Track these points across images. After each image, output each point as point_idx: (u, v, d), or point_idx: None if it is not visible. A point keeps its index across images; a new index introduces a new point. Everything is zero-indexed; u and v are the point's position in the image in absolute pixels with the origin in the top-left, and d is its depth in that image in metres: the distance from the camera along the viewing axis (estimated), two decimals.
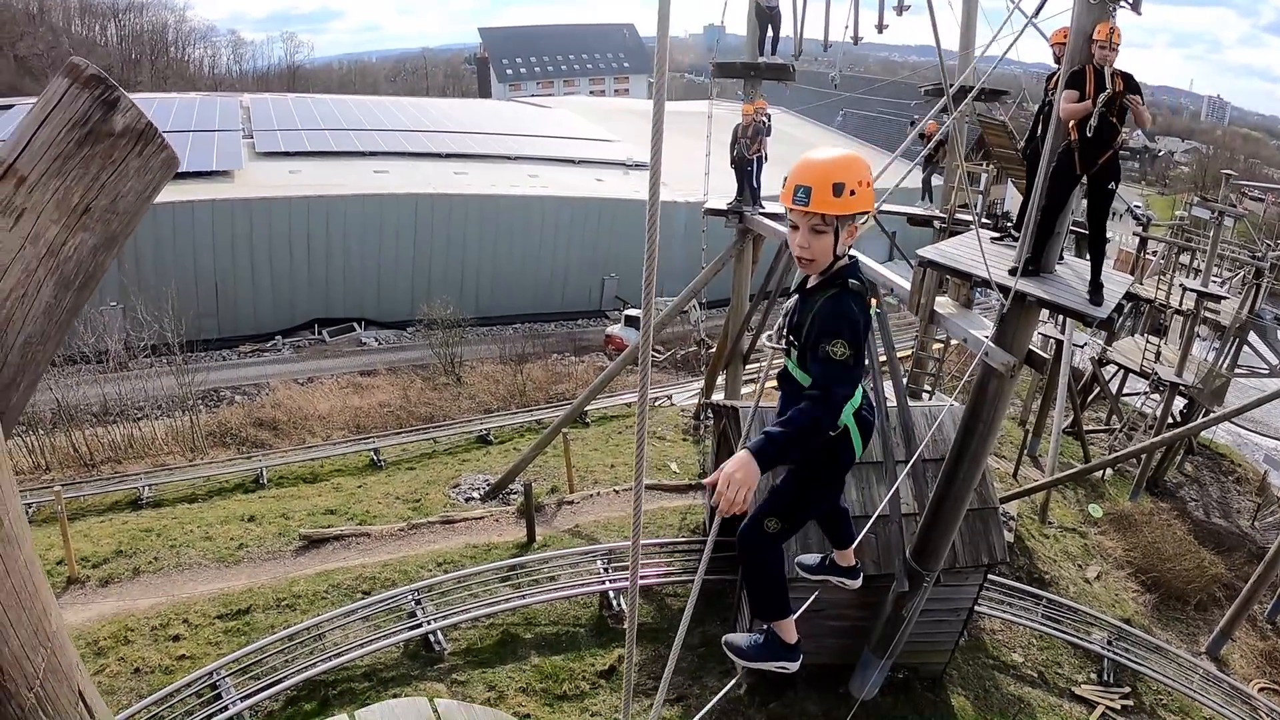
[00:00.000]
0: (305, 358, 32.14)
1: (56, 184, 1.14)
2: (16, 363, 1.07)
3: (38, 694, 0.97)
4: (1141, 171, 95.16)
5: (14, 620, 0.93)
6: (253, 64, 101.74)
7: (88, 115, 1.16)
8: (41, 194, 1.13)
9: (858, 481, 12.82)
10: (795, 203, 3.19)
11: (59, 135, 1.15)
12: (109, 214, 1.19)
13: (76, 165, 1.16)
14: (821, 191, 3.15)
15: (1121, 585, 18.41)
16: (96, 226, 1.18)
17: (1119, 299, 8.57)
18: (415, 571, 15.18)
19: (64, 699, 1.02)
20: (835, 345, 3.10)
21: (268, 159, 37.64)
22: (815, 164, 3.21)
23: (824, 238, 3.23)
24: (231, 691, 12.12)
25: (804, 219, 3.23)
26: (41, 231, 1.12)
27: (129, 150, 1.20)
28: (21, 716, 0.94)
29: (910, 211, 19.14)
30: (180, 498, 19.24)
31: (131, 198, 1.22)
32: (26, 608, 0.96)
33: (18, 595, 0.95)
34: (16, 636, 0.93)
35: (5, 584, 0.93)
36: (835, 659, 13.53)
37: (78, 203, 1.15)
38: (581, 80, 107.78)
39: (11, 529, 0.97)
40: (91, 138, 1.17)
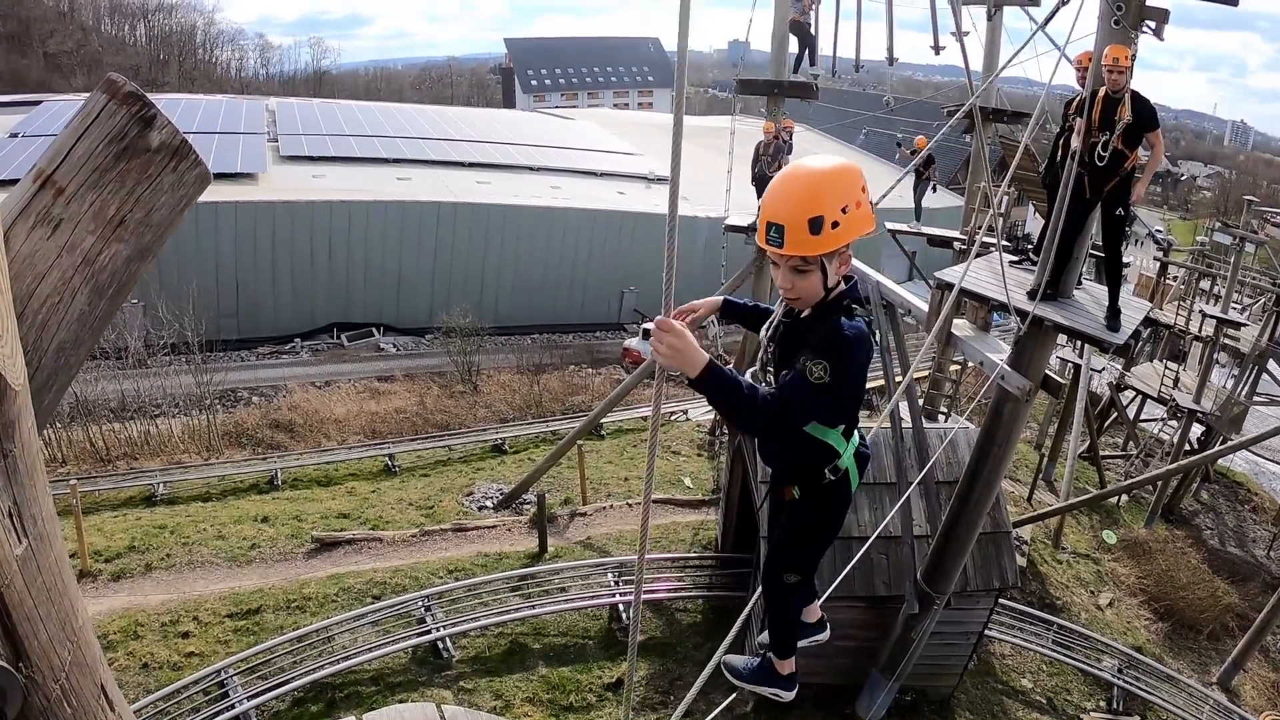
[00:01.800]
0: (323, 361, 32.29)
1: (93, 196, 1.19)
2: (51, 366, 1.12)
3: (63, 686, 1.02)
4: (1163, 196, 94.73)
5: (43, 615, 0.98)
6: (280, 68, 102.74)
7: (125, 131, 1.21)
8: (79, 206, 1.18)
9: (870, 502, 12.79)
10: (769, 243, 2.74)
11: (97, 149, 1.20)
12: (143, 226, 1.24)
13: (113, 179, 1.21)
14: (796, 230, 2.67)
15: (1134, 613, 18.26)
16: (131, 238, 1.23)
17: (1136, 325, 8.55)
18: (426, 578, 15.23)
19: (87, 692, 1.07)
20: (815, 365, 2.69)
21: (292, 162, 37.90)
22: (787, 193, 2.71)
23: (810, 276, 2.79)
24: (239, 690, 12.20)
25: (782, 259, 2.78)
26: (78, 242, 1.17)
27: (164, 166, 1.25)
28: (47, 706, 0.99)
29: (930, 232, 19.11)
30: (194, 496, 19.34)
31: (165, 211, 1.27)
32: (55, 603, 1.00)
33: (47, 591, 0.99)
34: (45, 630, 0.98)
35: (36, 580, 0.98)
36: (843, 679, 13.48)
37: (113, 215, 1.20)
38: (606, 93, 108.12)
39: (44, 527, 1.01)
40: (128, 153, 1.22)
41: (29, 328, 1.07)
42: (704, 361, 2.50)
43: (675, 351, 2.47)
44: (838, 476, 3.19)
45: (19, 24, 70.86)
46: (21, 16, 71.41)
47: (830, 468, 3.17)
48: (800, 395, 2.71)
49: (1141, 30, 7.58)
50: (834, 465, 3.17)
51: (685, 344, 2.48)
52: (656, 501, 18.77)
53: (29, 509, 0.98)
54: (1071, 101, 8.64)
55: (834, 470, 3.18)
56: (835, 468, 3.17)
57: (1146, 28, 7.59)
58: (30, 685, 0.97)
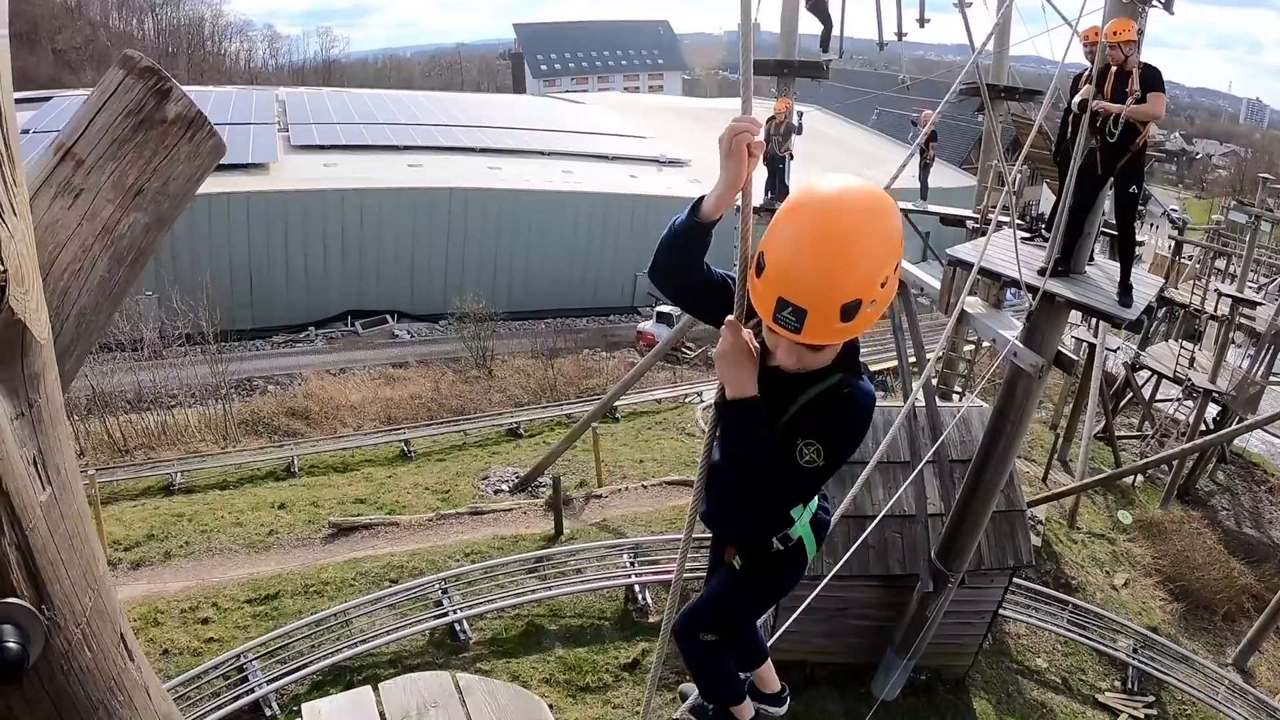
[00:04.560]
0: (338, 349, 32.43)
1: (112, 167, 1.23)
2: (72, 331, 1.16)
3: (84, 631, 1.06)
4: (1178, 174, 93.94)
5: (65, 561, 1.02)
6: (289, 58, 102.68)
7: (142, 103, 1.25)
8: (98, 176, 1.22)
9: (884, 481, 12.81)
10: (778, 323, 2.05)
11: (115, 121, 1.24)
12: (160, 195, 1.28)
13: (131, 150, 1.25)
14: (824, 319, 2.02)
15: (1149, 593, 18.24)
16: (149, 207, 1.27)
17: (1149, 301, 8.53)
18: (443, 561, 15.33)
19: (107, 638, 1.11)
20: (808, 447, 2.21)
21: (303, 152, 37.95)
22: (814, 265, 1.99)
23: (823, 353, 2.23)
24: (258, 674, 12.35)
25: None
26: (98, 210, 1.22)
27: (180, 136, 1.29)
28: (68, 650, 1.03)
29: (942, 211, 19.03)
30: (212, 484, 19.52)
31: (181, 181, 1.31)
32: (77, 550, 1.05)
33: (70, 538, 1.04)
34: (68, 575, 1.02)
35: (60, 527, 1.02)
36: (858, 658, 13.56)
37: (132, 184, 1.24)
38: (616, 77, 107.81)
39: (66, 477, 1.06)
40: (145, 125, 1.26)
41: (51, 294, 1.12)
42: (755, 391, 2.24)
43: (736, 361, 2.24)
44: (787, 547, 2.66)
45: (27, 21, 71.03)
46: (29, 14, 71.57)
47: (780, 537, 2.64)
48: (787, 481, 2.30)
49: (1151, 4, 7.53)
50: (784, 534, 2.63)
51: (749, 359, 2.24)
52: (671, 483, 18.85)
53: (52, 458, 1.03)
54: (1079, 77, 8.60)
55: (783, 540, 2.64)
56: (786, 537, 2.64)
57: (1156, 2, 7.54)
58: (53, 628, 1.01)
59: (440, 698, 2.99)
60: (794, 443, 2.21)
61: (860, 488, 12.40)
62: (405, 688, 3.12)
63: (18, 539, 0.96)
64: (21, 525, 0.95)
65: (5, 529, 0.92)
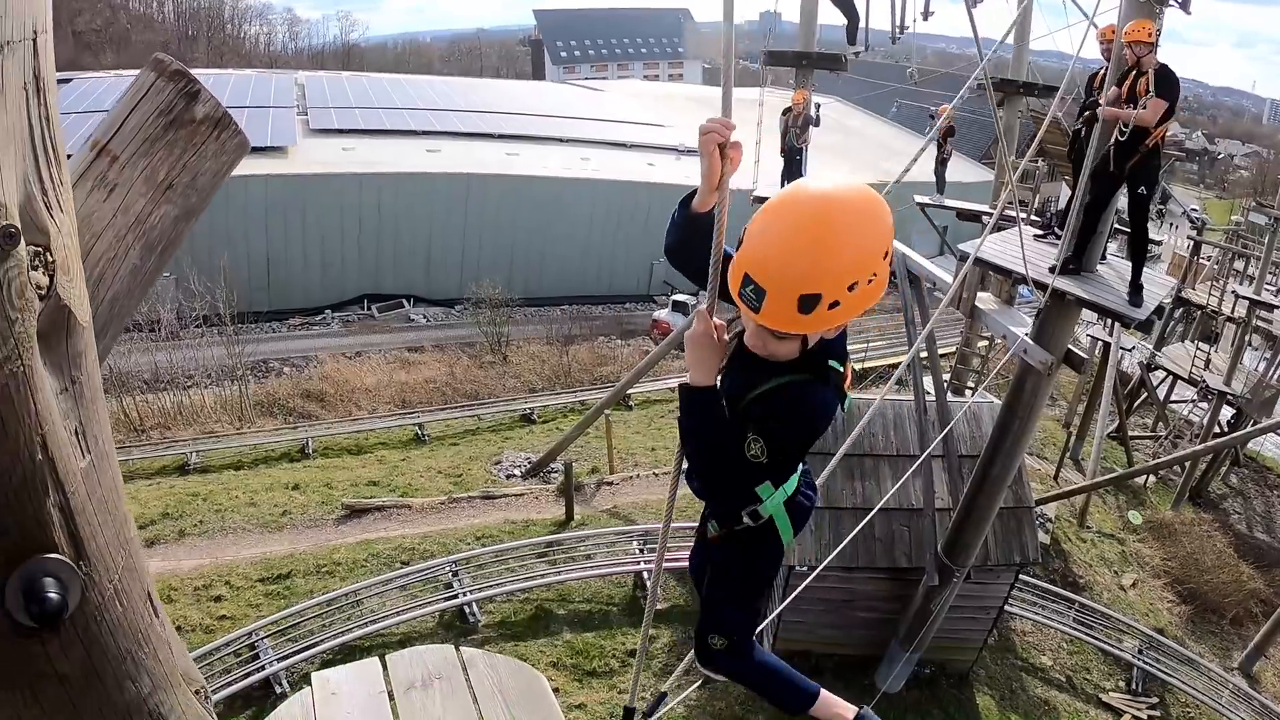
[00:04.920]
0: (354, 332, 32.61)
1: (144, 163, 1.33)
2: (106, 314, 1.26)
3: (115, 587, 1.16)
4: (1200, 174, 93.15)
5: (102, 523, 1.12)
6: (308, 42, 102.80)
7: (172, 105, 1.35)
8: (131, 171, 1.31)
9: (894, 474, 12.87)
10: (741, 298, 2.07)
11: (147, 121, 1.33)
12: (189, 190, 1.38)
13: (162, 147, 1.34)
14: (780, 303, 2.00)
15: (1157, 594, 18.23)
16: (178, 200, 1.37)
17: (1159, 301, 8.56)
18: (454, 544, 15.49)
19: (136, 595, 1.21)
20: (754, 442, 2.24)
21: (321, 136, 38.07)
22: (782, 250, 1.98)
23: (787, 343, 2.19)
24: (269, 652, 12.52)
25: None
26: (130, 204, 1.31)
27: (208, 135, 1.39)
28: (101, 603, 1.12)
29: (958, 205, 19.01)
30: (227, 464, 19.72)
31: (209, 176, 1.41)
32: (111, 514, 1.14)
33: (105, 503, 1.13)
34: (103, 536, 1.12)
35: (96, 492, 1.12)
36: (864, 650, 13.64)
37: (163, 179, 1.34)
38: (635, 64, 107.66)
39: (104, 447, 1.15)
40: (175, 124, 1.35)
41: (88, 280, 1.21)
42: (712, 381, 2.29)
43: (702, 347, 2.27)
44: (757, 524, 2.62)
45: None
46: None
47: (748, 512, 2.59)
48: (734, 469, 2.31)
49: (1168, 4, 7.53)
50: (753, 510, 2.59)
51: (713, 349, 2.28)
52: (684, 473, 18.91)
53: (91, 429, 1.13)
54: (1095, 75, 8.60)
55: (753, 516, 2.60)
56: (755, 513, 2.59)
57: (1174, 1, 7.54)
58: (88, 582, 1.11)
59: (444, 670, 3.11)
60: (745, 433, 2.24)
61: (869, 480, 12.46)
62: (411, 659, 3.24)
63: (60, 501, 1.06)
64: (64, 489, 1.06)
65: (50, 492, 1.03)
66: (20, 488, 1.00)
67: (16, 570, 1.01)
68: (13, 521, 1.01)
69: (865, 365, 28.71)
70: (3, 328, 0.92)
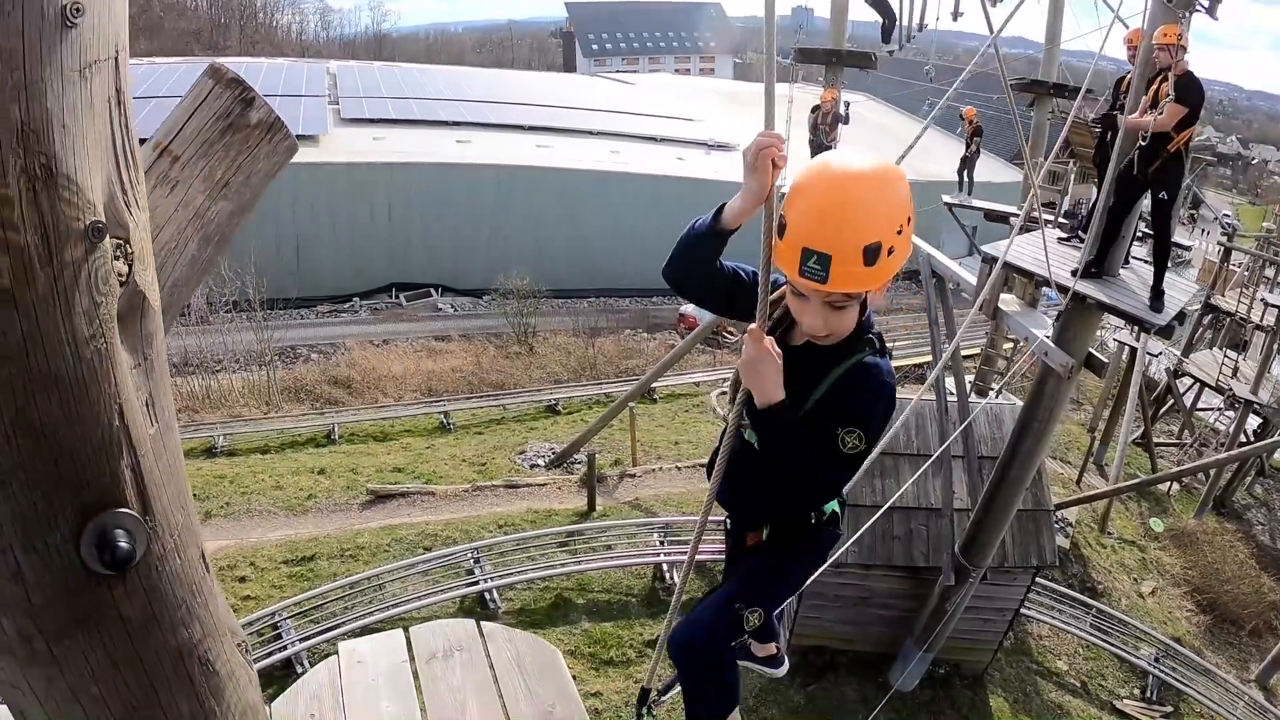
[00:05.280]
0: (381, 320, 32.91)
1: (203, 163, 1.46)
2: (166, 300, 1.39)
3: (175, 542, 1.28)
4: (1233, 179, 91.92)
5: (165, 485, 1.25)
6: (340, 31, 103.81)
7: (230, 110, 1.48)
8: (191, 170, 1.45)
9: (913, 473, 12.90)
10: (804, 275, 2.09)
11: (206, 125, 1.47)
12: (243, 187, 1.52)
13: (219, 149, 1.48)
14: (847, 262, 2.05)
15: (1176, 603, 18.13)
16: (233, 197, 1.50)
17: (1180, 307, 8.58)
18: (476, 531, 15.67)
19: (191, 551, 1.33)
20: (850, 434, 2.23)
21: (352, 125, 38.44)
22: (832, 211, 2.06)
23: (848, 313, 2.23)
24: (291, 632, 12.75)
25: (817, 294, 2.16)
26: (190, 199, 1.45)
27: (261, 139, 1.52)
28: (163, 555, 1.25)
29: (985, 206, 18.98)
30: (253, 448, 20.01)
31: (261, 175, 1.54)
32: (174, 478, 1.27)
33: (169, 467, 1.26)
34: (167, 496, 1.25)
35: (162, 457, 1.25)
36: (878, 647, 13.70)
37: (220, 178, 1.48)
38: (667, 58, 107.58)
39: (169, 417, 1.28)
40: (232, 128, 1.49)
41: None
42: (783, 393, 2.24)
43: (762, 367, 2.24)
44: (821, 521, 2.65)
45: None
46: None
47: (816, 511, 2.64)
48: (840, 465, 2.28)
49: (1194, 9, 7.55)
50: (820, 509, 2.64)
51: (773, 365, 2.24)
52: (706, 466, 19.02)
53: (159, 401, 1.27)
54: (1122, 79, 8.63)
55: (819, 514, 2.64)
56: (821, 511, 2.64)
57: (1200, 6, 7.56)
58: (153, 535, 1.25)
59: (464, 642, 3.26)
60: (833, 431, 2.23)
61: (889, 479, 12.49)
62: (433, 631, 3.40)
63: (132, 463, 1.20)
64: (136, 452, 1.20)
65: (124, 454, 1.17)
66: (100, 449, 1.15)
67: (92, 521, 1.16)
68: (92, 477, 1.16)
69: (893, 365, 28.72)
70: (90, 309, 1.07)
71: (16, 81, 0.95)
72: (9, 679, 1.28)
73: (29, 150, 0.96)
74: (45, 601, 1.18)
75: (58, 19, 0.98)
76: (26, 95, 0.96)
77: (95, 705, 1.31)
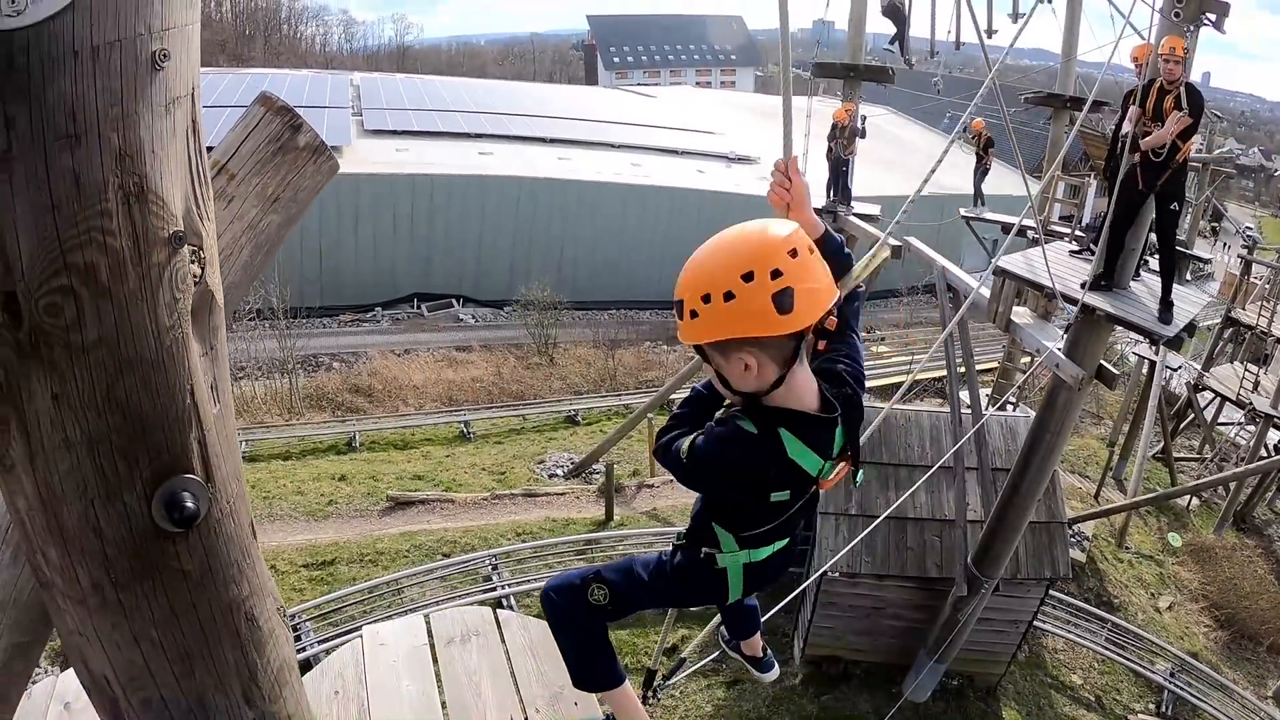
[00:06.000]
0: (403, 330, 33.16)
1: (256, 180, 1.68)
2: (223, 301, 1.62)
3: (230, 508, 1.46)
4: (1255, 192, 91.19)
5: (225, 456, 1.43)
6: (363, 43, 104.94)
7: (280, 134, 1.70)
8: (246, 187, 1.66)
9: (927, 485, 13.01)
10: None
11: (259, 147, 1.69)
12: (291, 202, 1.73)
13: (270, 168, 1.69)
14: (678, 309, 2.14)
15: (1193, 618, 18.07)
16: (282, 210, 1.71)
17: (1190, 318, 8.68)
18: (494, 539, 15.87)
19: (243, 518, 1.52)
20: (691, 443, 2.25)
21: (375, 136, 38.77)
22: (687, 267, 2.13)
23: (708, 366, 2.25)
24: (310, 635, 12.98)
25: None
26: (245, 213, 1.66)
27: (307, 160, 1.74)
28: (220, 519, 1.43)
29: (1000, 219, 19.11)
30: (275, 454, 20.27)
31: (306, 192, 1.75)
32: (231, 453, 1.46)
33: (228, 442, 1.45)
34: (225, 468, 1.43)
35: (223, 433, 1.43)
36: (892, 658, 13.77)
37: (271, 194, 1.69)
38: (688, 71, 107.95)
39: (228, 399, 1.47)
40: (282, 150, 1.70)
41: None
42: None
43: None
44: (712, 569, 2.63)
45: None
46: None
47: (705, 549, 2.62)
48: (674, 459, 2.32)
49: (1201, 23, 7.70)
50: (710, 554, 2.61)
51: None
52: None
53: (221, 385, 1.48)
54: (1130, 93, 8.77)
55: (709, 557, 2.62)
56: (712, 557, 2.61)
57: (1206, 20, 7.71)
58: (213, 500, 1.46)
59: (481, 628, 3.45)
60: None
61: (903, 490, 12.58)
62: (451, 618, 3.59)
63: (200, 436, 1.41)
64: (202, 427, 1.41)
65: (194, 428, 1.39)
66: (174, 423, 1.36)
67: (164, 484, 1.37)
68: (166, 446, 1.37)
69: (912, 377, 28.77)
70: (170, 304, 1.29)
71: (116, 114, 1.17)
72: (77, 627, 1.50)
73: (125, 171, 1.19)
74: (118, 553, 1.39)
75: (149, 62, 1.20)
76: (124, 125, 1.18)
77: (154, 650, 1.52)
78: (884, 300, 38.20)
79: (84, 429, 1.28)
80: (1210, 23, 7.77)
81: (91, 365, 1.25)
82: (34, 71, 1.09)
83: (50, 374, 1.23)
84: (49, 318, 1.19)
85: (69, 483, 1.31)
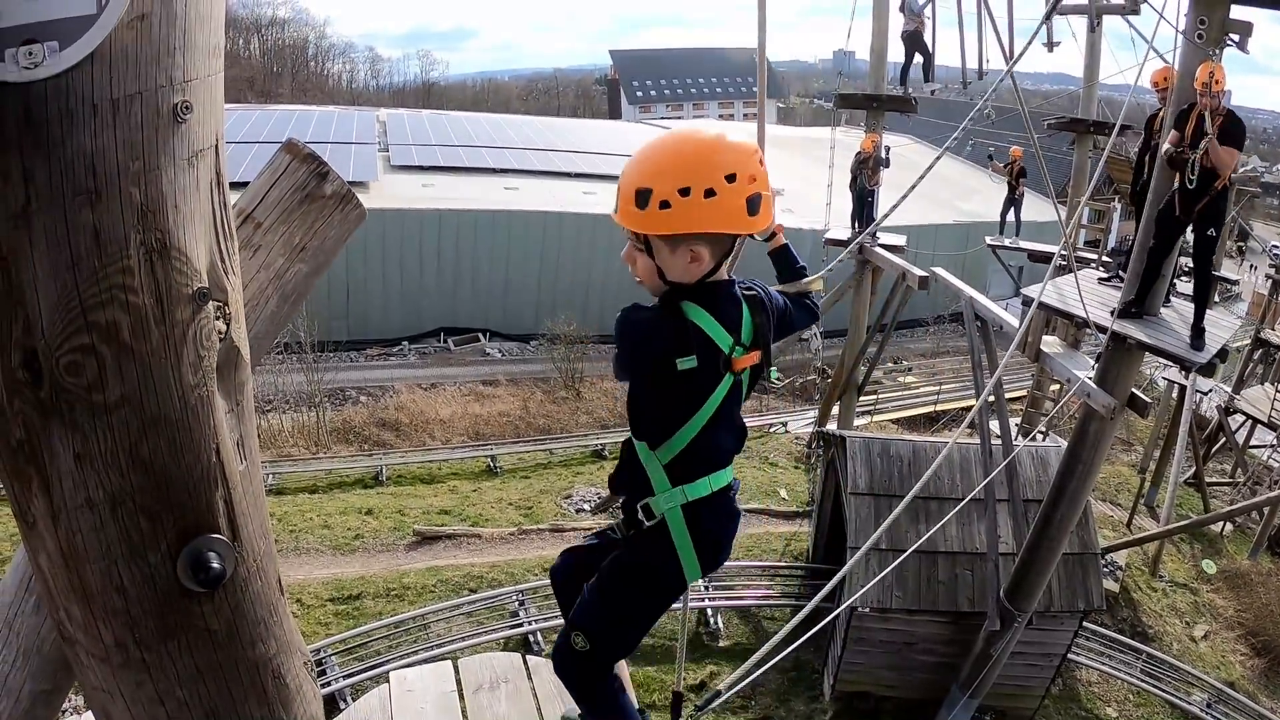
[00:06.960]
0: (430, 364, 33.23)
1: (283, 229, 1.66)
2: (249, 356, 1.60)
3: (257, 566, 1.43)
4: None
5: (252, 514, 1.41)
6: (389, 79, 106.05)
7: (306, 182, 1.68)
8: (272, 236, 1.65)
9: (958, 518, 12.84)
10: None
11: (285, 195, 1.67)
12: (318, 251, 1.71)
13: (297, 217, 1.67)
14: (624, 199, 2.19)
15: (1229, 646, 17.69)
16: (309, 260, 1.70)
17: (1222, 344, 8.56)
18: (521, 574, 15.77)
19: (270, 575, 1.48)
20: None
21: (402, 172, 39.09)
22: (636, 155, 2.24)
23: (643, 256, 2.24)
24: (336, 669, 12.95)
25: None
26: (271, 262, 1.64)
27: (334, 208, 1.72)
28: (247, 577, 1.41)
29: (1028, 247, 18.99)
30: (302, 488, 20.34)
31: (333, 241, 1.74)
32: (257, 510, 1.43)
33: (255, 499, 1.42)
34: (251, 526, 1.41)
35: (249, 490, 1.41)
36: (923, 694, 13.57)
37: (297, 243, 1.67)
38: (711, 104, 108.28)
39: (255, 457, 1.44)
40: (309, 199, 1.68)
41: None
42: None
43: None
44: (651, 522, 2.39)
45: None
46: None
47: (642, 506, 2.41)
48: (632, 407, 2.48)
49: (1224, 44, 7.62)
50: (645, 504, 2.40)
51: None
52: (751, 511, 19.03)
53: (247, 442, 1.45)
54: (1154, 117, 8.69)
55: (646, 511, 2.40)
56: (648, 509, 2.39)
57: (1230, 41, 7.63)
58: (239, 559, 1.43)
59: (510, 674, 3.39)
60: None
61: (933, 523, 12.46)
62: (480, 664, 3.54)
63: (225, 494, 1.38)
64: (228, 485, 1.38)
65: (219, 486, 1.36)
66: (199, 481, 1.34)
67: (189, 544, 1.34)
68: (191, 505, 1.34)
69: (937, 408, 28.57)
70: (195, 361, 1.27)
71: (137, 169, 1.15)
72: (100, 684, 1.47)
73: (147, 227, 1.17)
74: (142, 613, 1.36)
75: (170, 116, 1.18)
76: (145, 180, 1.16)
77: (179, 708, 1.49)
78: (909, 330, 37.91)
79: (107, 488, 1.25)
80: (1234, 43, 7.70)
81: (114, 424, 1.22)
82: (53, 125, 1.07)
83: (72, 433, 1.21)
84: (70, 376, 1.17)
85: (92, 542, 1.29)
